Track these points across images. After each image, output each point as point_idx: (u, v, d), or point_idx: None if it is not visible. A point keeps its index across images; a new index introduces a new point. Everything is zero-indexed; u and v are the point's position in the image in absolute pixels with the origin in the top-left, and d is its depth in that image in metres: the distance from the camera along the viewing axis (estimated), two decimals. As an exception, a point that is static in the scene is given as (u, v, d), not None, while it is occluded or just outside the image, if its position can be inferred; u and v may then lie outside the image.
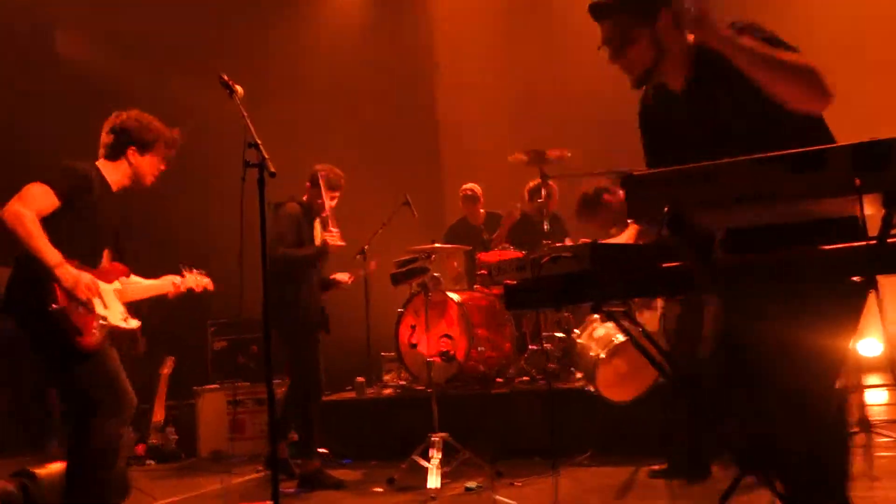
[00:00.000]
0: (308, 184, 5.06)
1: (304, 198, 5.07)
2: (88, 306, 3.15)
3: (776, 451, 2.19)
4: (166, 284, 3.70)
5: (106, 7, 7.69)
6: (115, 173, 3.44)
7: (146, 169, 3.49)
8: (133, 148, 3.44)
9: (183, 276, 3.77)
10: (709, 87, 2.23)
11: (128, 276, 3.51)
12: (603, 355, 4.68)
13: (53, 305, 3.04)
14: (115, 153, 3.44)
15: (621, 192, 4.74)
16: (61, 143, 6.37)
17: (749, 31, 2.13)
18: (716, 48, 2.07)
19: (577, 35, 8.41)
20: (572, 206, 5.17)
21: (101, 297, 3.24)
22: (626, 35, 2.25)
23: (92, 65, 7.76)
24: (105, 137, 3.46)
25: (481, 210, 7.26)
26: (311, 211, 5.05)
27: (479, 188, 7.22)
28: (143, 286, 3.59)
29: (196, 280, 3.82)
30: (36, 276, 3.06)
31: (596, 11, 2.31)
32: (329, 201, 5.03)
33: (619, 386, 4.74)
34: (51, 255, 3.03)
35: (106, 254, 3.43)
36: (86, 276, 3.15)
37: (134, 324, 3.40)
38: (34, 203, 3.07)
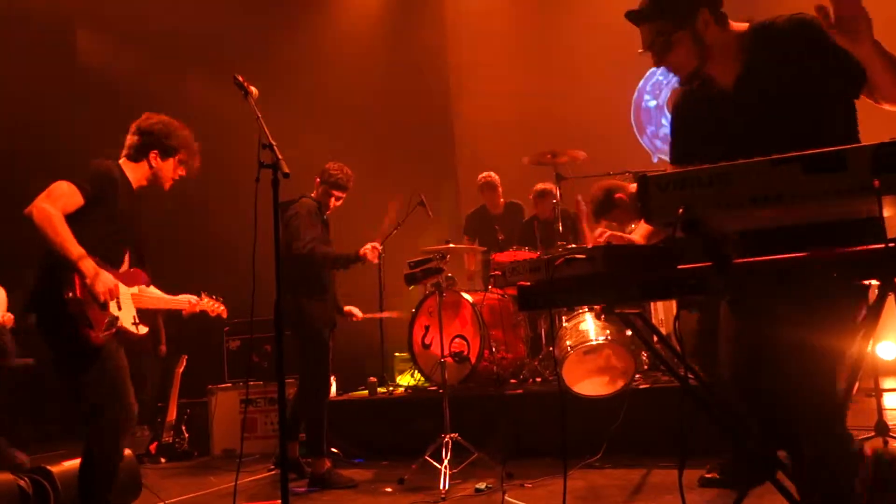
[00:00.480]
0: (318, 180, 5.07)
1: (314, 194, 5.08)
2: (103, 304, 3.18)
3: (789, 455, 2.17)
4: (182, 302, 3.77)
5: (127, 8, 7.76)
6: (135, 173, 3.48)
7: (166, 173, 3.54)
8: (156, 152, 3.48)
9: (201, 298, 3.86)
10: (760, 83, 2.20)
11: (147, 285, 3.54)
12: (571, 351, 4.88)
13: (70, 294, 3.07)
14: (137, 154, 3.48)
15: (630, 187, 4.73)
16: (81, 142, 6.43)
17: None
18: (862, 56, 1.98)
19: (591, 38, 8.49)
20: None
21: (118, 298, 3.27)
22: (666, 39, 2.22)
23: (112, 65, 7.83)
24: (130, 137, 3.49)
25: (501, 199, 7.27)
26: (322, 208, 5.05)
27: (496, 176, 7.21)
28: (159, 297, 3.62)
29: (212, 305, 3.92)
30: (56, 269, 3.09)
31: (633, 18, 2.29)
32: (335, 201, 5.04)
33: (583, 380, 4.98)
34: (75, 250, 3.07)
35: (127, 257, 3.46)
36: (107, 277, 3.18)
37: (143, 330, 3.41)
38: (60, 201, 3.11)
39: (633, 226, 4.43)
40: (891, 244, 1.53)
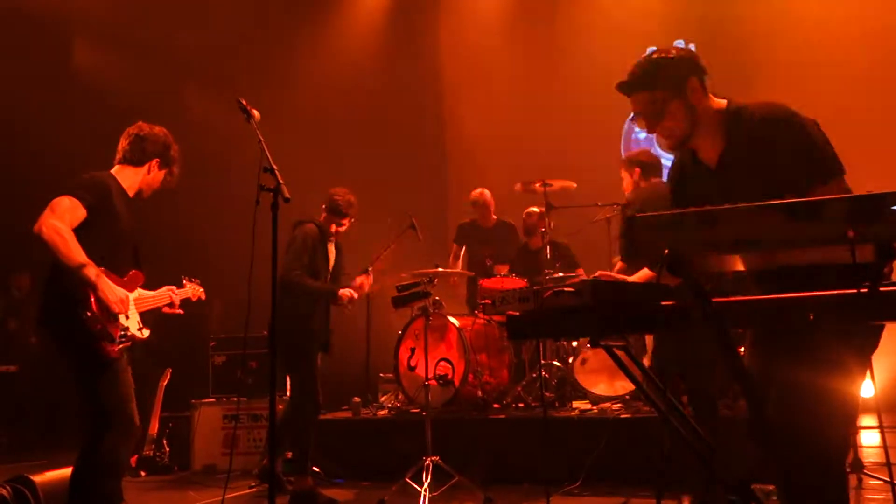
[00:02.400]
0: (324, 205, 5.12)
1: (322, 218, 5.13)
2: (116, 317, 3.24)
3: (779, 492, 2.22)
4: (164, 295, 3.74)
5: (124, 20, 7.82)
6: (132, 179, 3.49)
7: (156, 183, 3.58)
8: (157, 160, 3.52)
9: (183, 286, 3.88)
10: (737, 165, 2.28)
11: (142, 284, 3.57)
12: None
13: (88, 313, 3.12)
14: (138, 160, 3.49)
15: None
16: (77, 154, 6.45)
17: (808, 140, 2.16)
18: None
19: (585, 67, 8.62)
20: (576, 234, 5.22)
21: (127, 309, 3.32)
22: (658, 107, 2.32)
23: (109, 77, 7.87)
24: (132, 143, 3.49)
25: (493, 216, 7.33)
26: (326, 233, 5.10)
27: (488, 193, 7.29)
28: (152, 297, 3.65)
29: (192, 290, 3.94)
30: (71, 286, 3.13)
31: (625, 89, 2.38)
32: (337, 227, 5.08)
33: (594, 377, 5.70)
34: (88, 266, 3.10)
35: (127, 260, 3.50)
36: (121, 292, 3.24)
37: (146, 333, 3.46)
38: (67, 216, 3.13)
39: None
40: (863, 290, 1.61)
